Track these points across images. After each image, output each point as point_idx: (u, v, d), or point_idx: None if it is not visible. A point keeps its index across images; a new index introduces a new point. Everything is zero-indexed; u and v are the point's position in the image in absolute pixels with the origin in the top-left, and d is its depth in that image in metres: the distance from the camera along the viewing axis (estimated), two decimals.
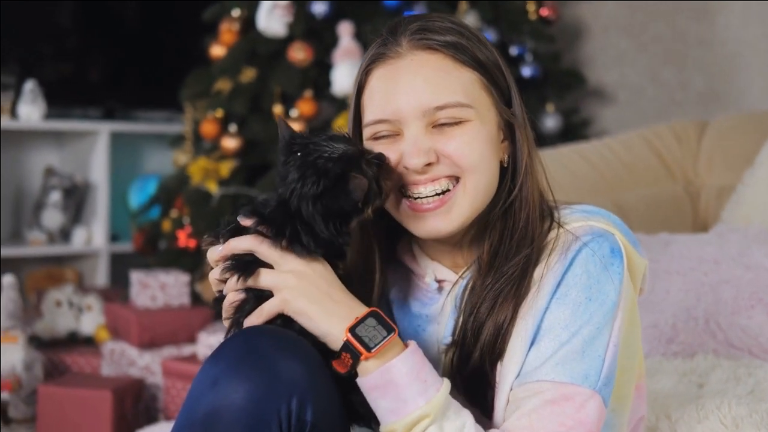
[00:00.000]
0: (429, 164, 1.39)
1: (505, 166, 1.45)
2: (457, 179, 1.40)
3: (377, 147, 1.42)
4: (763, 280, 2.23)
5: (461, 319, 1.43)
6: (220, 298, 1.41)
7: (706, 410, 1.69)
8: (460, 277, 1.47)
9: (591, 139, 3.34)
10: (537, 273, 1.40)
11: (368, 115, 1.43)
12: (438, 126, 1.40)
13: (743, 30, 3.70)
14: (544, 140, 3.76)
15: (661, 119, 3.40)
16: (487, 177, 1.41)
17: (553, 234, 1.43)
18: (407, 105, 1.39)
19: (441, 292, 1.50)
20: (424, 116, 1.39)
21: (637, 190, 2.96)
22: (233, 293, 1.38)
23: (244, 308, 1.38)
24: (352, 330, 1.32)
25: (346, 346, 1.32)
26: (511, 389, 1.37)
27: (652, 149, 3.01)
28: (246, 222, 1.37)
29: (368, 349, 1.31)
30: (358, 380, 1.34)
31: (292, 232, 1.35)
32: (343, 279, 1.39)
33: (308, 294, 1.33)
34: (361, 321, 1.33)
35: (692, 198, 2.97)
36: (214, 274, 1.39)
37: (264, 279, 1.35)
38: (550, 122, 3.81)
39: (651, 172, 2.99)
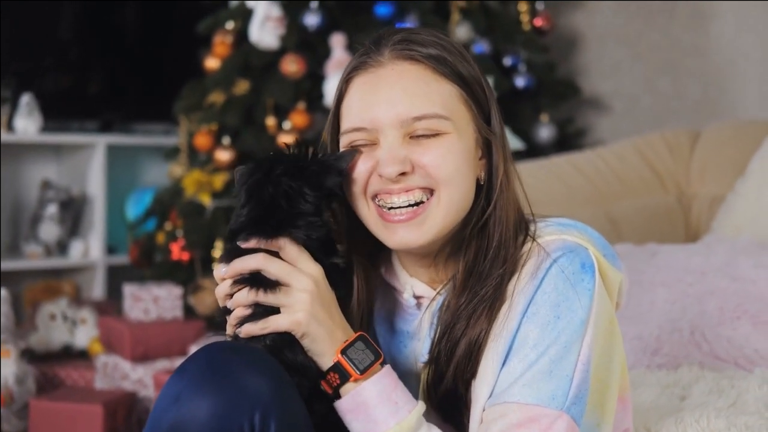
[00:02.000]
0: (403, 174, 1.39)
1: (482, 183, 1.44)
2: (431, 192, 1.40)
3: None
4: (749, 292, 2.22)
5: (436, 338, 1.43)
6: (226, 310, 1.40)
7: (685, 424, 1.68)
8: (437, 293, 1.47)
9: (586, 149, 3.33)
10: (510, 288, 1.40)
11: (346, 123, 1.43)
12: (415, 137, 1.39)
13: (737, 38, 3.70)
14: (538, 150, 3.75)
15: (657, 128, 3.39)
16: (461, 191, 1.41)
17: (526, 247, 1.42)
18: (385, 114, 1.39)
19: (420, 308, 1.50)
20: (402, 126, 1.39)
21: (629, 201, 2.96)
22: (241, 308, 1.37)
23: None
24: (343, 351, 1.34)
25: (337, 367, 1.34)
26: (483, 409, 1.37)
27: (645, 159, 3.00)
28: (246, 245, 1.36)
29: (359, 371, 1.34)
30: (336, 404, 1.36)
31: (284, 222, 1.35)
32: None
33: (318, 317, 1.34)
34: (351, 343, 1.35)
35: (684, 208, 2.96)
36: (223, 289, 1.38)
37: (277, 296, 1.35)
38: (545, 132, 3.80)
39: (643, 182, 2.98)
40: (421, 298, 1.50)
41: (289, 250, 1.35)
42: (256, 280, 1.35)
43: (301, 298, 1.33)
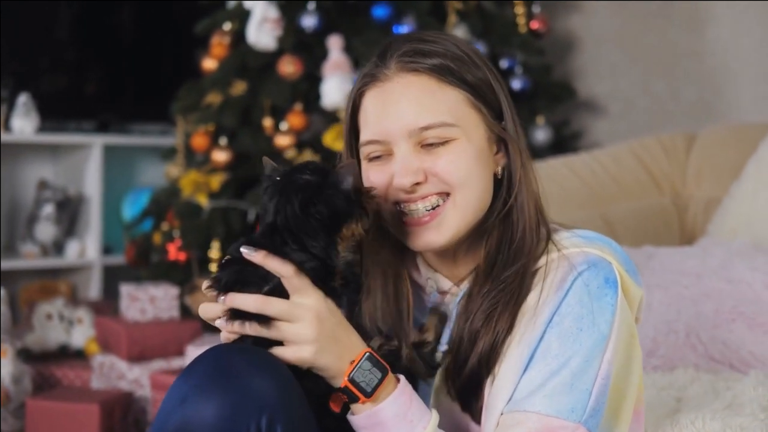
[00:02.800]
0: (417, 183, 1.44)
1: (499, 177, 1.48)
2: (447, 195, 1.44)
3: (372, 168, 1.47)
4: (744, 294, 2.23)
5: (457, 327, 1.46)
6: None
7: (681, 425, 1.69)
8: (455, 286, 1.51)
9: (581, 152, 3.34)
10: (532, 298, 1.42)
11: (362, 136, 1.49)
12: (426, 146, 1.44)
13: (733, 41, 3.71)
14: (534, 153, 3.76)
15: (653, 131, 3.40)
16: (476, 191, 1.45)
17: (553, 256, 1.45)
18: (394, 126, 1.44)
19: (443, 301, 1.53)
20: (411, 136, 1.43)
21: (625, 203, 2.96)
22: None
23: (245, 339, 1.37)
24: (350, 376, 1.35)
25: (345, 390, 1.36)
26: (501, 413, 1.39)
27: (640, 162, 3.01)
28: (252, 256, 1.35)
29: (366, 394, 1.35)
30: (349, 417, 1.38)
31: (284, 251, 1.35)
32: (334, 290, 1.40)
33: (323, 349, 1.34)
34: (357, 366, 1.35)
35: (680, 211, 2.97)
36: (229, 327, 1.36)
37: (281, 331, 1.34)
38: (541, 135, 3.81)
39: (639, 185, 2.99)
40: (444, 292, 1.53)
41: (293, 281, 1.35)
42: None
43: (305, 334, 1.34)
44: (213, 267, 3.54)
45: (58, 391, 3.35)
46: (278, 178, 1.40)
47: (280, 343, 1.35)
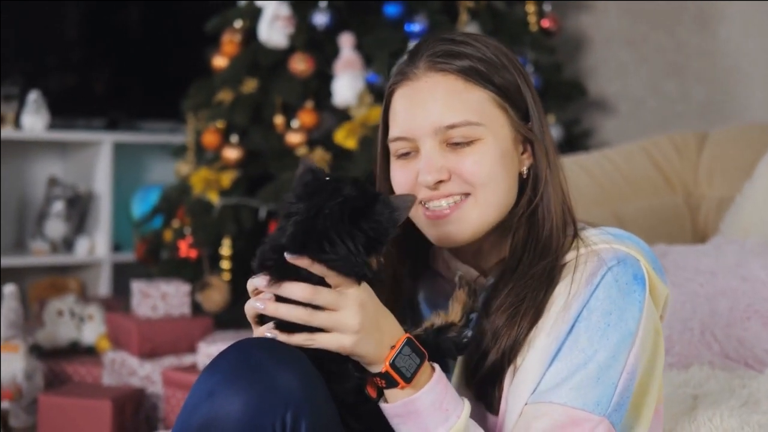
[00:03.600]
0: (441, 181, 1.46)
1: (525, 177, 1.50)
2: (468, 194, 1.47)
3: (399, 164, 1.51)
4: (759, 292, 2.23)
5: (480, 321, 1.47)
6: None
7: (698, 422, 1.69)
8: (482, 277, 1.53)
9: (592, 151, 3.34)
10: (561, 291, 1.43)
11: (391, 132, 1.52)
12: (452, 144, 1.47)
13: (744, 42, 3.71)
14: None
15: (663, 130, 3.40)
16: (499, 191, 1.47)
17: (582, 251, 1.46)
18: (420, 124, 1.47)
19: None
20: (437, 134, 1.46)
21: (636, 202, 2.97)
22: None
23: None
24: (392, 361, 1.35)
25: (384, 375, 1.35)
26: (526, 403, 1.40)
27: (652, 161, 3.01)
28: (299, 262, 1.32)
29: (406, 379, 1.35)
30: (382, 405, 1.37)
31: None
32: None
33: (365, 337, 1.34)
34: (398, 351, 1.36)
35: (692, 210, 2.97)
36: (273, 310, 1.35)
37: (320, 320, 1.33)
38: (551, 133, 3.81)
39: (650, 183, 2.99)
40: None
41: (334, 278, 1.34)
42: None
43: (350, 324, 1.33)
44: (224, 264, 3.55)
45: (69, 387, 3.36)
46: (327, 178, 1.37)
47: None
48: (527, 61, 3.82)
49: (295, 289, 1.33)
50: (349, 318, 1.33)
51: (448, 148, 1.47)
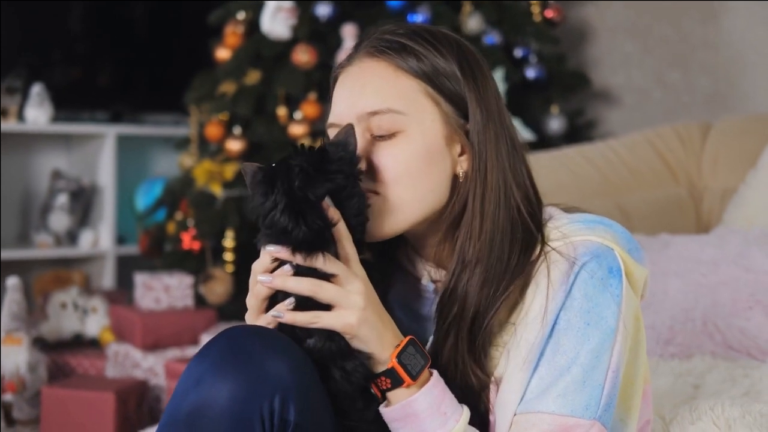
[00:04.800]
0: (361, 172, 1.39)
1: (460, 180, 1.43)
2: (377, 192, 1.41)
3: None
4: (761, 282, 2.22)
5: (439, 320, 1.44)
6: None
7: (700, 411, 1.68)
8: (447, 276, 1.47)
9: (596, 141, 3.33)
10: (533, 295, 1.39)
11: (328, 119, 1.46)
12: (376, 137, 1.40)
13: (748, 32, 3.70)
14: (548, 142, 3.76)
15: (667, 121, 3.39)
16: (415, 189, 1.40)
17: (555, 245, 1.41)
18: (345, 109, 1.41)
19: (437, 292, 1.51)
20: (360, 122, 1.39)
21: (640, 193, 2.96)
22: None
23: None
24: (398, 357, 1.33)
25: (390, 372, 1.34)
26: (514, 414, 1.37)
27: (656, 151, 3.00)
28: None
29: (412, 377, 1.33)
30: (382, 410, 1.36)
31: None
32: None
33: (369, 321, 1.33)
34: (404, 348, 1.34)
35: (696, 200, 2.96)
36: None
37: (329, 293, 1.32)
38: (555, 124, 3.81)
39: (654, 174, 2.98)
40: (438, 281, 1.50)
41: (347, 246, 1.33)
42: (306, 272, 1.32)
43: (354, 301, 1.32)
44: (227, 256, 3.55)
45: (73, 379, 3.36)
46: (272, 165, 1.33)
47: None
48: (531, 51, 3.81)
49: (300, 283, 1.31)
50: (354, 294, 1.32)
51: (372, 139, 1.40)
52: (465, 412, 1.36)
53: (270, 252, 1.32)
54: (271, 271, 1.34)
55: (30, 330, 3.36)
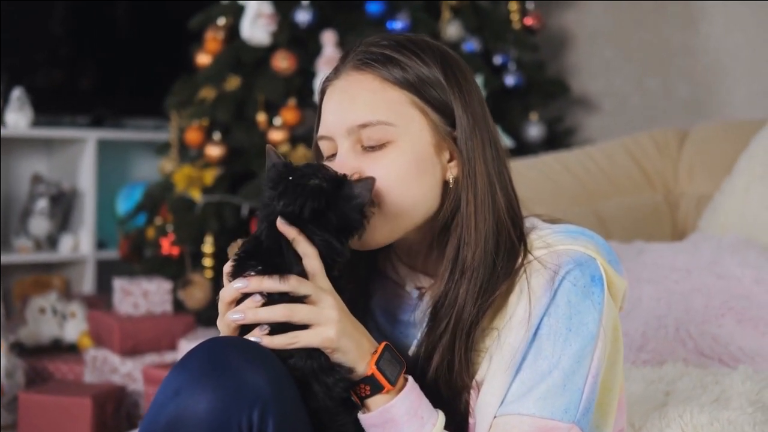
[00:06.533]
0: None
1: (451, 186, 1.45)
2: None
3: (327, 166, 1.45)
4: (734, 289, 2.24)
5: (426, 324, 1.45)
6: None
7: (669, 418, 1.69)
8: (435, 283, 1.48)
9: (574, 148, 3.35)
10: (516, 300, 1.41)
11: (318, 132, 1.48)
12: (366, 148, 1.42)
13: (725, 38, 3.72)
14: (527, 149, 3.77)
15: (646, 127, 3.41)
16: (406, 198, 1.42)
17: (538, 254, 1.43)
18: (334, 123, 1.43)
19: (422, 299, 1.52)
20: (350, 134, 1.42)
21: (617, 199, 2.97)
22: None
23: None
24: (377, 363, 1.35)
25: (370, 379, 1.35)
26: (494, 416, 1.38)
27: (633, 158, 3.01)
28: (287, 230, 1.33)
29: (391, 382, 1.35)
30: (361, 416, 1.37)
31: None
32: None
33: (346, 331, 1.34)
34: (381, 355, 1.36)
35: (672, 207, 2.97)
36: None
37: (302, 314, 1.33)
38: (534, 131, 3.82)
39: (631, 181, 2.99)
40: (422, 288, 1.52)
41: (314, 263, 1.34)
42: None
43: (328, 315, 1.33)
44: (206, 261, 3.55)
45: (50, 384, 3.36)
46: (290, 178, 1.36)
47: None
48: (510, 58, 3.83)
49: (275, 311, 1.32)
50: (327, 308, 1.33)
51: (364, 151, 1.42)
52: (441, 417, 1.38)
53: (238, 289, 1.33)
54: (240, 299, 1.35)
55: (7, 335, 3.35)
